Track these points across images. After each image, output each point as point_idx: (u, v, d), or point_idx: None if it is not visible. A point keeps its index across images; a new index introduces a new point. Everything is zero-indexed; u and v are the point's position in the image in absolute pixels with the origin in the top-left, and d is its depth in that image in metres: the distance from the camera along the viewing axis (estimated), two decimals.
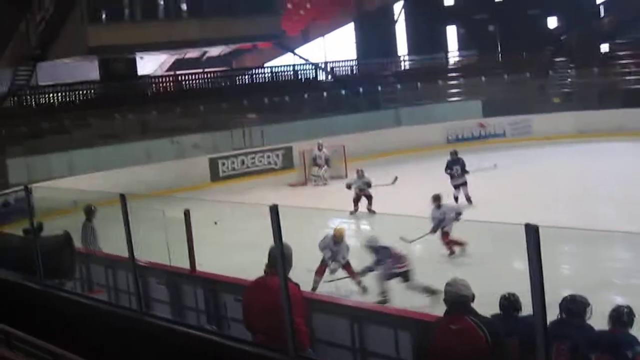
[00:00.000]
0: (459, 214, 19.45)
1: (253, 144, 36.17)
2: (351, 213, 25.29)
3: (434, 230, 18.97)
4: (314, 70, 47.66)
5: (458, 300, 7.27)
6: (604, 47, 47.62)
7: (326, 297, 12.76)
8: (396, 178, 25.40)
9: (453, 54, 53.89)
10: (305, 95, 42.33)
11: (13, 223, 23.85)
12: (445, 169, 25.91)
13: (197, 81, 44.40)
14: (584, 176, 28.34)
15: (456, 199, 24.79)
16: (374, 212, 24.87)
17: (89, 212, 18.70)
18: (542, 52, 46.13)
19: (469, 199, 25.19)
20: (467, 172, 25.74)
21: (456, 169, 25.67)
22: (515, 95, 41.54)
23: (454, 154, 26.37)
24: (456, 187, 25.40)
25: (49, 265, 11.85)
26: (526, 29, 47.58)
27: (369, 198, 25.39)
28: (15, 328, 9.01)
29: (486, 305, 8.14)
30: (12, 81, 37.74)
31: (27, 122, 34.49)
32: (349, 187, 25.93)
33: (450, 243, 18.92)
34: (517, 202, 23.84)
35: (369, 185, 25.62)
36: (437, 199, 19.59)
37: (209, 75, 45.87)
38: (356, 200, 25.56)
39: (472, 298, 7.32)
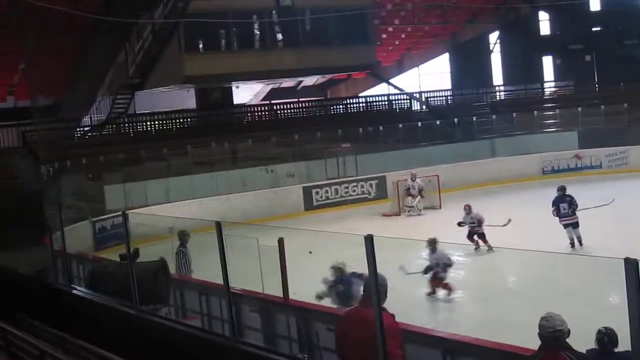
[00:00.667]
0: (447, 265, 18.78)
1: (347, 173, 36.17)
2: (475, 249, 23.85)
3: (424, 272, 18.84)
4: (408, 101, 47.66)
5: (553, 335, 7.15)
6: None
7: (419, 327, 12.63)
8: (509, 220, 24.07)
9: (549, 85, 53.41)
10: (400, 126, 42.07)
11: (109, 248, 24.31)
12: (552, 207, 23.40)
13: (292, 110, 44.76)
14: None
15: (572, 241, 22.71)
16: (491, 248, 23.33)
17: (183, 237, 18.91)
18: (639, 83, 45.22)
19: (580, 241, 22.70)
20: (576, 210, 23.13)
21: (563, 207, 23.08)
22: (611, 126, 40.80)
23: (562, 190, 23.75)
24: (566, 226, 23.02)
25: (144, 291, 12.00)
26: (623, 59, 46.88)
27: (482, 235, 23.83)
28: (110, 352, 9.12)
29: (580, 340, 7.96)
30: (110, 109, 38.47)
31: (124, 149, 34.98)
32: (460, 224, 24.43)
33: (439, 286, 18.80)
34: (616, 235, 23.25)
35: (479, 222, 24.10)
36: (431, 243, 18.94)
37: (303, 104, 46.13)
38: (470, 237, 24.05)
39: (568, 333, 7.18)
